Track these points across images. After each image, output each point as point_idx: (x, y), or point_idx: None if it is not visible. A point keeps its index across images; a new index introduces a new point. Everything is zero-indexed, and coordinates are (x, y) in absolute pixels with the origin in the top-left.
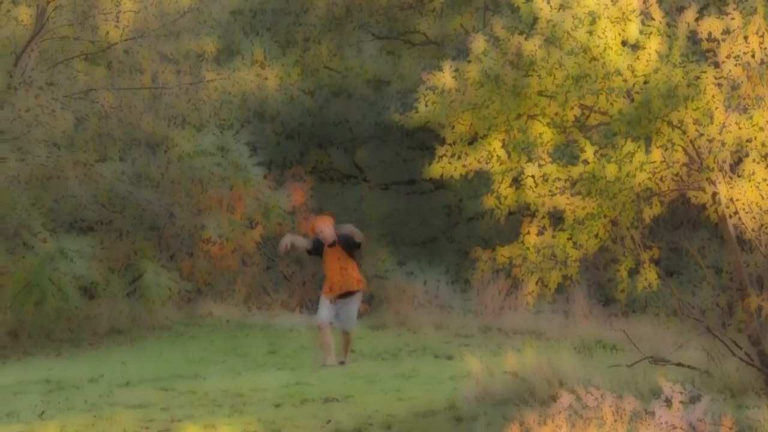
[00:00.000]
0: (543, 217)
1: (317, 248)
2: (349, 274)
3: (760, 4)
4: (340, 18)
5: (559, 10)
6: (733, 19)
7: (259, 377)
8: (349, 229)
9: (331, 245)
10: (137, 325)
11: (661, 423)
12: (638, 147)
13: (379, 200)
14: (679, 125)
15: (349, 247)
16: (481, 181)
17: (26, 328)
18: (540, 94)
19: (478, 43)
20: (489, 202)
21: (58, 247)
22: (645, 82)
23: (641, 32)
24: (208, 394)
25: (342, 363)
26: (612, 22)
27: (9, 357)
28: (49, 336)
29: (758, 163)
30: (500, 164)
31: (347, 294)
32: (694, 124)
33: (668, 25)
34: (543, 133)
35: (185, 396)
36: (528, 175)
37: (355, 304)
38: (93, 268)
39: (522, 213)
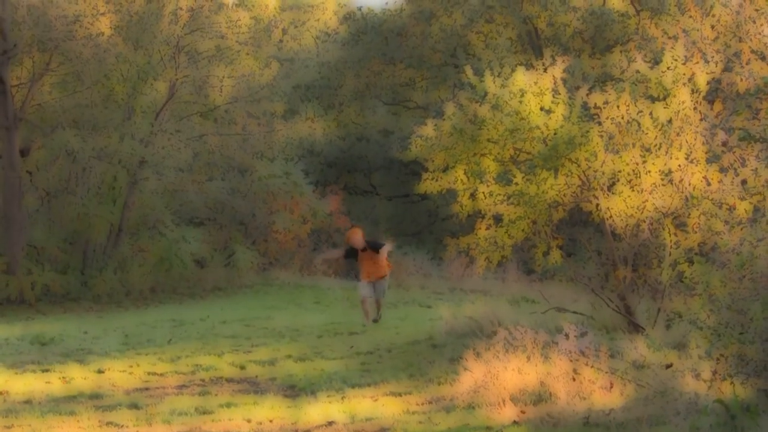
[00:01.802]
0: (489, 218)
1: (351, 253)
2: (378, 265)
3: (627, 86)
4: (362, 91)
5: (501, 87)
6: (610, 94)
7: (308, 318)
8: (386, 247)
9: (363, 249)
10: (231, 284)
11: (562, 349)
12: (550, 174)
13: (386, 207)
14: (575, 161)
15: (375, 249)
16: (450, 194)
17: (161, 286)
18: (488, 140)
19: (450, 108)
20: (456, 208)
21: (181, 235)
22: (554, 134)
23: (552, 102)
24: (275, 329)
25: (375, 321)
26: (534, 95)
27: (149, 304)
28: (175, 291)
29: (625, 185)
30: (462, 184)
31: (380, 278)
32: (585, 160)
33: (569, 97)
34: (490, 165)
35: (261, 330)
36: (480, 192)
37: (385, 282)
38: (203, 248)
39: (476, 215)
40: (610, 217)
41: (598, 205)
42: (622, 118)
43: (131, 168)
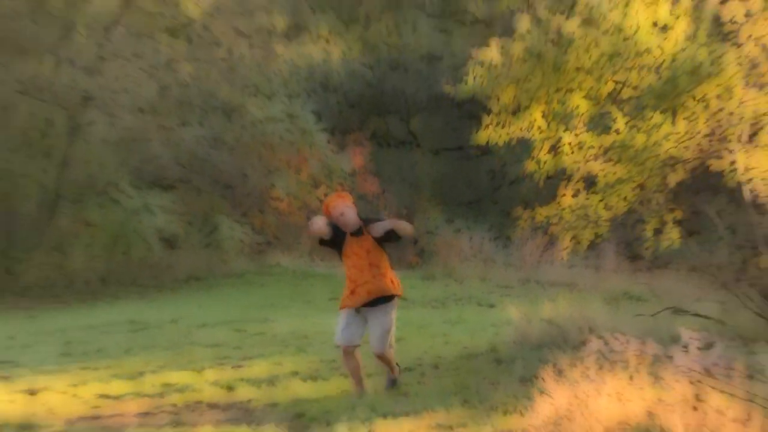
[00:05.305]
0: (578, 181)
1: (336, 237)
2: (381, 273)
3: None
4: None
5: None
6: (753, 3)
7: (321, 321)
8: (394, 224)
9: (356, 233)
10: (213, 273)
11: (679, 366)
12: (665, 119)
13: (431, 164)
14: (702, 100)
15: (385, 237)
16: (522, 147)
17: (115, 275)
18: (577, 69)
19: (523, 23)
20: (530, 166)
21: (142, 203)
22: (672, 60)
23: (670, 14)
24: (276, 336)
25: (393, 381)
26: (644, 5)
27: (99, 300)
28: (135, 282)
29: None
30: (540, 132)
31: (378, 300)
32: (715, 98)
33: (695, 8)
34: (579, 105)
35: (256, 336)
36: (565, 143)
37: (386, 316)
38: (173, 221)
39: (559, 177)
40: (751, 180)
41: (733, 162)
42: None
43: (72, 107)
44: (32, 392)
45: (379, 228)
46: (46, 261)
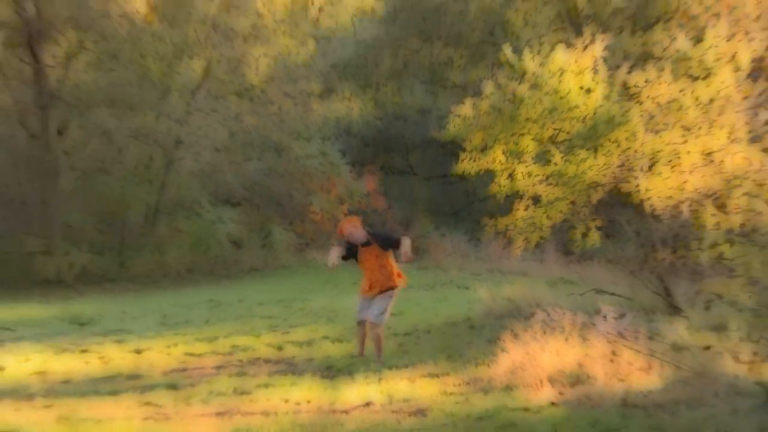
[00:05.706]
0: (528, 199)
1: (351, 251)
2: (388, 271)
3: (667, 65)
4: (400, 70)
5: (539, 66)
6: (651, 73)
7: (345, 300)
8: (404, 242)
9: (366, 244)
10: (268, 265)
11: (601, 331)
12: (589, 154)
13: (424, 187)
14: (615, 141)
15: (387, 246)
16: (488, 175)
17: (198, 267)
18: (527, 120)
19: (488, 87)
20: (493, 189)
21: (217, 215)
22: (594, 113)
23: (592, 81)
24: (313, 310)
25: (380, 363)
26: (573, 74)
27: (186, 285)
28: (212, 272)
29: (665, 166)
30: (501, 165)
31: (382, 292)
32: (624, 140)
33: (609, 76)
34: (528, 145)
35: (298, 311)
36: (518, 172)
37: (387, 298)
38: (239, 228)
39: (514, 196)
40: (650, 198)
41: (637, 185)
42: (663, 97)
43: (167, 148)
44: (138, 351)
45: (380, 237)
46: (148, 257)
